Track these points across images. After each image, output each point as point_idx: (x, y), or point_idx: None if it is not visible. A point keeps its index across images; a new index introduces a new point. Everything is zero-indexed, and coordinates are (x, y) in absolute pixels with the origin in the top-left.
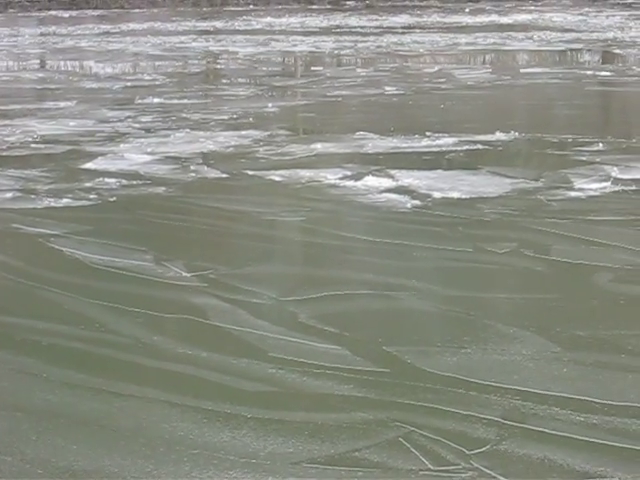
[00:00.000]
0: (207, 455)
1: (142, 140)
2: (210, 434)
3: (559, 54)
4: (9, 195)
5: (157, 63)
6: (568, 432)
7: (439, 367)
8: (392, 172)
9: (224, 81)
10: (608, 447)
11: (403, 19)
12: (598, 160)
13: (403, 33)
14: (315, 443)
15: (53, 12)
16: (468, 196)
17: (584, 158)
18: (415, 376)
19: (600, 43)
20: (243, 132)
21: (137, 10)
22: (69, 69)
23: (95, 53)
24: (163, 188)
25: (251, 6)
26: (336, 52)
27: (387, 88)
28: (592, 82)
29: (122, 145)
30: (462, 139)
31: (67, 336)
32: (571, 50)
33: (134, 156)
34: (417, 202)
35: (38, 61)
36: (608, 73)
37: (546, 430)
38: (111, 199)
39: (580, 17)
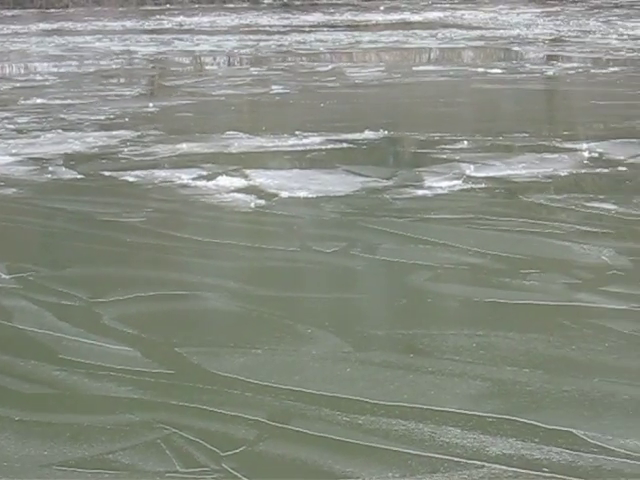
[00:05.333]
0: None
1: (10, 141)
2: None
3: (457, 52)
4: None
5: (53, 63)
6: (329, 433)
7: (224, 368)
8: (247, 172)
9: (113, 81)
10: (364, 447)
11: (314, 17)
12: (457, 158)
13: (309, 32)
14: (73, 445)
15: None
16: (315, 195)
17: (444, 156)
18: (197, 377)
19: (502, 41)
20: (114, 132)
21: (53, 10)
22: None
23: None
24: (14, 190)
25: (167, 5)
26: (235, 51)
27: (274, 87)
28: (480, 80)
29: None
30: (330, 138)
31: None
32: (470, 48)
33: None
34: (262, 202)
35: None
36: (499, 70)
37: (308, 431)
38: None
39: (492, 14)
